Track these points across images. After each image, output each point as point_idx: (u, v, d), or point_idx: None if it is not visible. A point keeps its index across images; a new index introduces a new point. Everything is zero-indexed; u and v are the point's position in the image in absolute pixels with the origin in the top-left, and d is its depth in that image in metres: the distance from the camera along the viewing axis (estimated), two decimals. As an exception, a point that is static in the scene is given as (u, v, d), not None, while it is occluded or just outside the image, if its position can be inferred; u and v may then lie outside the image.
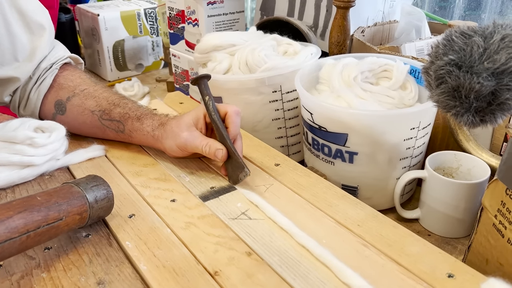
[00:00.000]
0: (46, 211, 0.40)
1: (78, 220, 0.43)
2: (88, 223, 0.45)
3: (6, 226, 0.36)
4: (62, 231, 0.41)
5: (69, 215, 0.41)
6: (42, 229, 0.39)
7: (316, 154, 0.61)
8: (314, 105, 0.58)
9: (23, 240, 0.37)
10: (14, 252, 0.38)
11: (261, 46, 0.66)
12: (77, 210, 0.42)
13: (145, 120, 0.58)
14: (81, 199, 0.43)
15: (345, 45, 0.77)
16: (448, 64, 0.38)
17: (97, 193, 0.45)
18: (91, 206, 0.44)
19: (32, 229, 0.38)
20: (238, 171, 0.52)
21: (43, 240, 0.40)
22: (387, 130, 0.55)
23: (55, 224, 0.40)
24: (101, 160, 0.59)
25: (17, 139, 0.52)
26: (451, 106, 0.39)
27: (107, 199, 0.46)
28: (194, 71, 0.92)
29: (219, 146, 0.54)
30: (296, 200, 0.50)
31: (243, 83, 0.66)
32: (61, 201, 0.41)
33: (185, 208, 0.49)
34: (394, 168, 0.58)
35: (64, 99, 0.63)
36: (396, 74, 0.63)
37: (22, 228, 0.37)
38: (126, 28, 1.13)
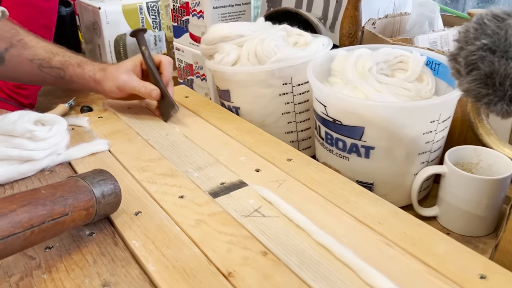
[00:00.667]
0: (51, 205, 0.37)
1: (84, 216, 0.40)
2: (94, 219, 0.42)
3: (9, 220, 0.34)
4: (68, 227, 0.39)
5: (75, 210, 0.39)
6: (47, 224, 0.36)
7: (329, 149, 0.59)
8: (329, 97, 0.55)
9: (27, 236, 0.35)
10: (16, 249, 0.35)
11: (271, 37, 0.64)
12: (84, 205, 0.40)
13: (85, 66, 0.65)
14: (88, 193, 0.40)
15: (357, 36, 0.74)
16: (480, 49, 0.36)
17: (104, 187, 0.42)
18: (98, 201, 0.41)
19: (36, 224, 0.35)
20: (170, 109, 0.63)
21: (47, 237, 0.37)
22: (406, 123, 0.52)
23: (60, 220, 0.37)
24: (104, 155, 0.56)
25: (16, 132, 0.49)
26: (483, 94, 0.36)
27: (115, 194, 0.43)
28: (198, 65, 0.89)
29: (154, 87, 0.63)
30: (312, 197, 0.47)
31: (252, 75, 0.63)
32: (67, 195, 0.38)
33: (194, 205, 0.46)
34: (412, 163, 0.56)
35: (2, 50, 0.64)
36: (412, 66, 0.60)
37: (26, 223, 0.34)
38: (128, 22, 1.10)
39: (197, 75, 0.91)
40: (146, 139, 0.60)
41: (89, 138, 0.60)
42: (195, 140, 0.59)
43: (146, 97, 0.64)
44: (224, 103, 0.71)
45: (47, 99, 1.01)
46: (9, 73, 0.66)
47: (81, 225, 0.42)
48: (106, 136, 0.61)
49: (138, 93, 0.63)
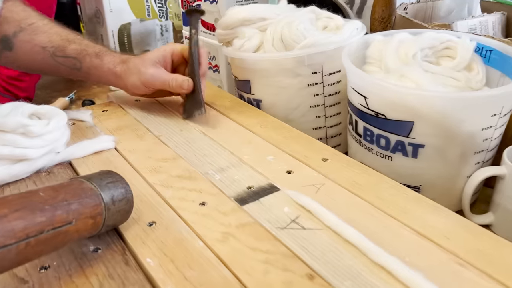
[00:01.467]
0: (52, 211, 0.29)
1: (90, 226, 0.33)
2: (101, 230, 0.34)
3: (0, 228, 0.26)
4: (70, 239, 0.31)
5: (80, 218, 0.31)
6: (46, 234, 0.28)
7: (368, 147, 0.51)
8: (371, 87, 0.47)
9: (21, 249, 0.27)
10: (6, 266, 0.27)
11: (299, 19, 0.56)
12: (90, 212, 0.32)
13: (104, 57, 0.57)
14: (95, 198, 0.33)
15: (390, 21, 0.66)
16: None
17: (114, 191, 0.35)
18: (107, 207, 0.34)
19: (33, 234, 0.28)
20: (196, 107, 0.55)
21: (46, 251, 0.30)
22: (465, 117, 0.44)
23: (62, 229, 0.30)
24: (110, 153, 0.49)
25: (7, 126, 0.42)
26: None
27: (126, 200, 0.36)
28: (211, 55, 0.81)
29: (185, 78, 0.55)
30: (358, 204, 0.39)
31: (278, 62, 0.56)
32: (70, 199, 0.31)
33: (219, 214, 0.38)
34: (466, 163, 0.48)
35: (10, 34, 0.57)
36: (461, 53, 0.53)
37: (20, 232, 0.27)
38: (133, 11, 1.02)
39: (208, 66, 0.83)
40: (157, 136, 0.52)
41: (93, 134, 0.52)
42: (214, 137, 0.52)
43: (177, 91, 0.56)
44: (243, 96, 0.64)
45: (45, 92, 0.93)
46: (20, 61, 0.59)
47: (85, 237, 0.34)
48: (112, 132, 0.53)
49: (168, 87, 0.55)
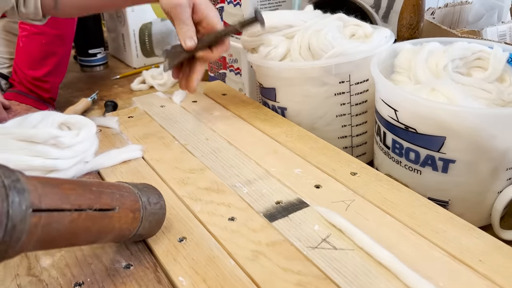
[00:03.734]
0: (99, 193, 0.30)
1: (131, 219, 0.33)
2: (138, 230, 0.35)
3: (57, 192, 0.27)
4: (114, 227, 0.32)
5: (122, 207, 0.32)
6: (95, 212, 0.29)
7: (396, 160, 0.51)
8: (401, 100, 0.46)
9: (74, 218, 0.27)
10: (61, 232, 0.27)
11: (327, 27, 0.55)
12: (131, 205, 0.33)
13: None
14: (134, 195, 0.34)
15: (419, 27, 0.65)
16: None
17: (149, 194, 0.36)
18: (144, 206, 0.35)
19: (84, 207, 0.28)
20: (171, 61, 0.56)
21: (93, 231, 0.30)
22: (498, 133, 0.44)
23: (108, 213, 0.30)
24: (138, 163, 0.49)
25: (38, 138, 0.42)
26: None
27: (160, 205, 0.36)
28: (233, 58, 0.81)
29: (195, 37, 0.53)
30: (390, 223, 0.39)
31: (305, 71, 0.55)
32: (114, 189, 0.32)
33: (248, 231, 0.38)
34: (497, 179, 0.47)
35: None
36: (494, 64, 0.52)
37: (73, 201, 0.28)
38: (154, 10, 1.02)
39: (230, 69, 0.83)
40: (184, 144, 0.52)
41: (120, 143, 0.53)
42: (239, 147, 0.52)
43: (180, 38, 0.54)
44: (267, 103, 0.63)
45: (68, 92, 0.94)
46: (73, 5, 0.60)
47: (125, 232, 0.34)
48: (139, 140, 0.53)
49: (177, 26, 0.54)
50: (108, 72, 1.05)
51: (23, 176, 0.25)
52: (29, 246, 0.25)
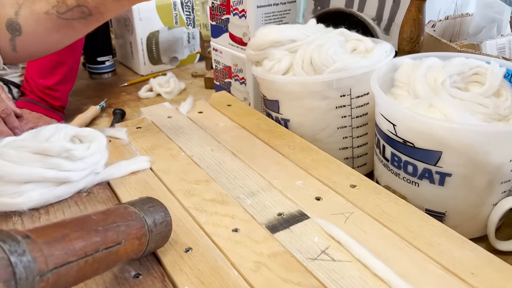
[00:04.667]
0: (104, 232, 0.32)
1: (136, 246, 0.35)
2: (145, 252, 0.37)
3: (63, 247, 0.28)
4: (120, 259, 0.34)
5: (128, 239, 0.34)
6: (101, 253, 0.31)
7: (395, 172, 0.52)
8: (400, 115, 0.48)
9: (81, 266, 0.29)
10: (70, 282, 0.29)
11: (329, 43, 0.57)
12: (136, 234, 0.35)
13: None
14: (139, 221, 0.36)
15: (419, 41, 0.66)
16: None
17: (155, 215, 0.37)
18: (150, 230, 0.36)
19: (90, 253, 0.30)
20: None
21: (101, 269, 0.32)
22: (492, 149, 0.45)
23: (114, 249, 0.32)
24: (146, 174, 0.51)
25: (52, 151, 0.44)
26: None
27: (166, 223, 0.38)
28: (238, 68, 0.83)
29: None
30: (387, 236, 0.41)
31: (307, 85, 0.57)
32: (119, 222, 0.34)
33: (251, 242, 0.40)
34: (493, 192, 0.49)
35: (13, 16, 0.55)
36: (490, 79, 0.53)
37: (80, 251, 0.29)
38: (161, 19, 1.04)
39: (235, 78, 0.85)
40: (190, 156, 0.54)
41: (129, 154, 0.55)
42: (243, 158, 0.54)
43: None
44: (271, 114, 0.65)
45: (77, 100, 0.97)
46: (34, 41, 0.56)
47: (132, 258, 0.36)
48: (147, 151, 0.55)
49: None
50: (116, 79, 1.07)
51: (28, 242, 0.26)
52: None
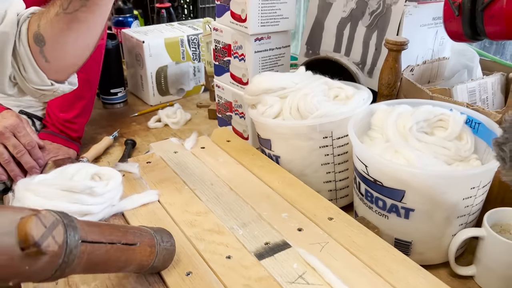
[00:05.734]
0: (125, 232, 0.42)
1: (148, 253, 0.44)
2: (155, 262, 0.45)
3: (97, 230, 0.38)
4: (135, 258, 0.43)
5: (142, 243, 0.43)
6: (122, 246, 0.40)
7: (368, 206, 0.60)
8: (370, 159, 0.57)
9: (108, 248, 0.38)
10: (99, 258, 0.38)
11: (313, 92, 0.66)
12: (148, 242, 0.44)
13: None
14: (150, 235, 0.46)
15: (396, 86, 0.75)
16: (526, 145, 0.37)
17: (162, 234, 0.47)
18: (158, 243, 0.46)
19: (115, 241, 0.39)
20: None
21: (121, 260, 0.41)
22: (448, 190, 0.53)
23: (132, 247, 0.42)
24: (154, 206, 0.60)
25: (77, 188, 0.53)
26: (528, 187, 0.38)
27: (171, 243, 0.47)
28: (238, 103, 0.92)
29: None
30: (354, 264, 0.49)
31: (294, 128, 0.66)
32: (135, 230, 0.44)
33: (241, 267, 0.49)
34: (451, 225, 0.57)
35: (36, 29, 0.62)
36: (453, 125, 0.62)
37: (108, 236, 0.39)
38: (169, 55, 1.14)
39: (235, 113, 0.94)
40: (192, 189, 0.63)
41: (140, 187, 0.63)
42: (239, 192, 0.62)
43: None
44: (264, 150, 0.74)
45: (92, 129, 1.06)
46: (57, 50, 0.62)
47: (144, 265, 0.45)
48: (156, 184, 0.64)
49: None
50: (127, 109, 1.17)
51: (75, 219, 0.36)
52: (78, 268, 0.35)
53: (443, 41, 0.88)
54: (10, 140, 0.79)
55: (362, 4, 0.83)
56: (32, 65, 0.63)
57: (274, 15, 0.82)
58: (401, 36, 0.75)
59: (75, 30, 0.62)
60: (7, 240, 0.27)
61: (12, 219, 0.28)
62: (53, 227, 0.30)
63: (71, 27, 0.61)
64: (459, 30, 0.65)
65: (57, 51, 0.63)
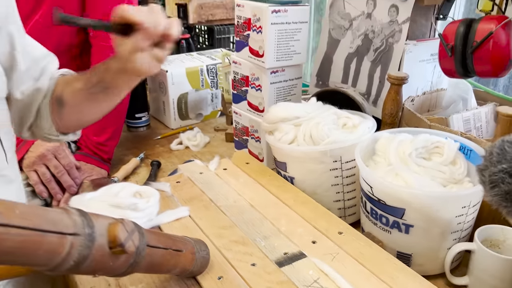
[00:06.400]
0: (174, 240, 0.51)
1: (190, 259, 0.52)
2: (194, 267, 0.53)
3: (156, 238, 0.47)
4: (180, 263, 0.51)
5: (187, 251, 0.52)
6: (172, 251, 0.49)
7: (374, 222, 0.69)
8: (375, 181, 0.65)
9: (163, 253, 0.47)
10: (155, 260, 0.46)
11: (324, 121, 0.75)
12: (190, 250, 0.53)
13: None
14: (192, 244, 0.54)
15: (398, 116, 0.84)
16: (501, 171, 0.46)
17: (200, 244, 0.56)
18: (198, 251, 0.54)
19: (168, 247, 0.48)
20: None
21: (170, 263, 0.49)
22: (442, 208, 0.62)
23: (179, 253, 0.50)
24: (186, 220, 0.68)
25: (123, 204, 0.62)
26: (503, 206, 0.46)
27: (206, 252, 0.56)
28: (254, 128, 1.01)
29: None
30: (361, 271, 0.57)
31: (307, 153, 0.75)
32: (181, 240, 0.53)
33: (264, 273, 0.57)
34: (445, 240, 0.65)
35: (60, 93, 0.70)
36: (447, 151, 0.70)
37: (163, 242, 0.48)
38: (190, 83, 1.24)
39: (252, 137, 1.03)
40: (218, 206, 0.72)
41: (173, 204, 0.72)
42: (259, 209, 0.71)
43: None
44: (280, 172, 0.83)
45: (119, 151, 1.15)
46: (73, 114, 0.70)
47: (187, 269, 0.53)
48: (186, 201, 0.73)
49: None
50: (150, 132, 1.26)
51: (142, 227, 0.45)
52: (141, 267, 0.44)
53: (440, 74, 0.97)
54: (52, 161, 0.89)
55: (367, 41, 0.93)
56: (47, 118, 0.72)
57: (288, 51, 0.91)
58: (402, 72, 0.85)
59: (94, 106, 0.71)
60: (101, 240, 0.36)
61: (103, 224, 0.37)
62: (132, 232, 0.39)
63: (91, 103, 0.70)
64: (452, 69, 0.75)
65: (73, 115, 0.72)
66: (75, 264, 0.33)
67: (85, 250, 0.34)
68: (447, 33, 0.75)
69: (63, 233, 0.32)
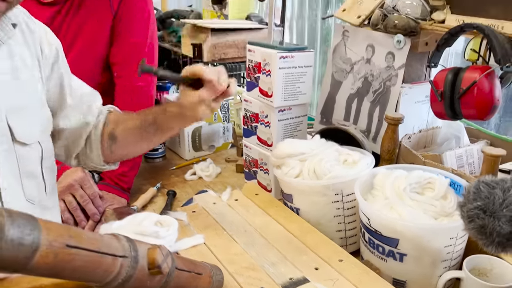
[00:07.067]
0: (195, 264, 0.58)
1: (207, 282, 0.59)
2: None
3: (183, 262, 0.54)
4: (200, 285, 0.58)
5: (205, 274, 0.59)
6: (194, 274, 0.56)
7: (371, 251, 0.76)
8: (372, 213, 0.73)
9: (187, 275, 0.54)
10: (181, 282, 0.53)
11: (327, 157, 0.83)
12: (208, 274, 0.60)
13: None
14: (209, 268, 0.61)
15: (395, 152, 0.92)
16: (476, 208, 0.53)
17: (215, 269, 0.63)
18: (214, 274, 0.61)
19: (191, 270, 0.55)
20: None
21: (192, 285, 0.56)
22: (432, 239, 0.69)
23: (199, 276, 0.57)
24: (202, 247, 0.76)
25: (146, 232, 0.70)
26: (479, 238, 0.53)
27: (221, 276, 0.63)
28: (263, 161, 1.09)
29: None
30: (358, 295, 0.64)
31: (311, 187, 0.82)
32: (200, 264, 0.60)
33: (272, 296, 0.64)
34: (436, 268, 0.71)
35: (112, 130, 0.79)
36: (439, 187, 0.77)
37: (187, 267, 0.55)
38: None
39: (261, 169, 1.11)
40: (230, 235, 0.79)
41: (189, 232, 0.80)
42: (267, 238, 0.78)
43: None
44: (287, 203, 0.90)
45: (137, 181, 1.24)
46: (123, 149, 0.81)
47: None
48: (201, 230, 0.81)
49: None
50: (166, 163, 1.35)
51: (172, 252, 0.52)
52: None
53: (435, 113, 1.05)
54: (78, 191, 0.98)
55: (367, 84, 1.01)
56: (97, 151, 0.82)
57: (294, 92, 1.01)
58: (399, 112, 0.93)
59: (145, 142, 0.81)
60: (143, 262, 0.43)
61: (144, 248, 0.45)
62: (166, 256, 0.47)
63: (142, 140, 0.80)
64: (442, 111, 0.83)
65: (124, 149, 0.82)
66: (122, 282, 0.41)
67: (131, 270, 0.41)
68: (437, 79, 0.83)
69: (115, 255, 0.40)
